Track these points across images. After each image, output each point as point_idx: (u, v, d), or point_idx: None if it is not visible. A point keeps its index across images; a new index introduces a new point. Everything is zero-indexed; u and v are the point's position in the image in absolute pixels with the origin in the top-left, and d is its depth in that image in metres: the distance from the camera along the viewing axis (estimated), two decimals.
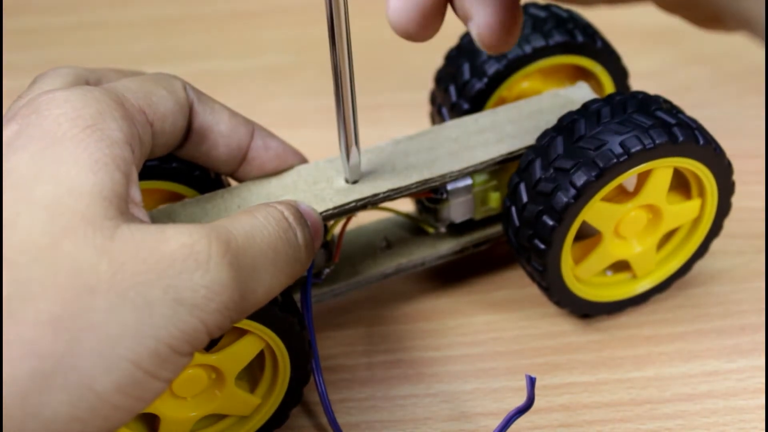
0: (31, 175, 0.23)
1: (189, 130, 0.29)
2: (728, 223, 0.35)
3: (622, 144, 0.30)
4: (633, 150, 0.30)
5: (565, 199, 0.30)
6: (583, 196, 0.30)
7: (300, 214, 0.28)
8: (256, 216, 0.26)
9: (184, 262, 0.23)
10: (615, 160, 0.30)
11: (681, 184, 0.34)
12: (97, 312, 0.21)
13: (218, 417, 0.30)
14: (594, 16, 0.39)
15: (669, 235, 0.35)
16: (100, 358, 0.21)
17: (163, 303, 0.22)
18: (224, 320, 0.23)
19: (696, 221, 0.34)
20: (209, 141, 0.30)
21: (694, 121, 0.32)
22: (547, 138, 0.31)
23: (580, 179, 0.30)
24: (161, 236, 0.23)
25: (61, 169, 0.23)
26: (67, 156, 0.23)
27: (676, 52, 0.51)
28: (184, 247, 0.23)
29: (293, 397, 0.30)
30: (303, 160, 0.32)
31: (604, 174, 0.30)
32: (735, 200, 0.35)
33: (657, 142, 0.30)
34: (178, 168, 0.31)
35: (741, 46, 0.51)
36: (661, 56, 0.51)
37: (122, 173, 0.24)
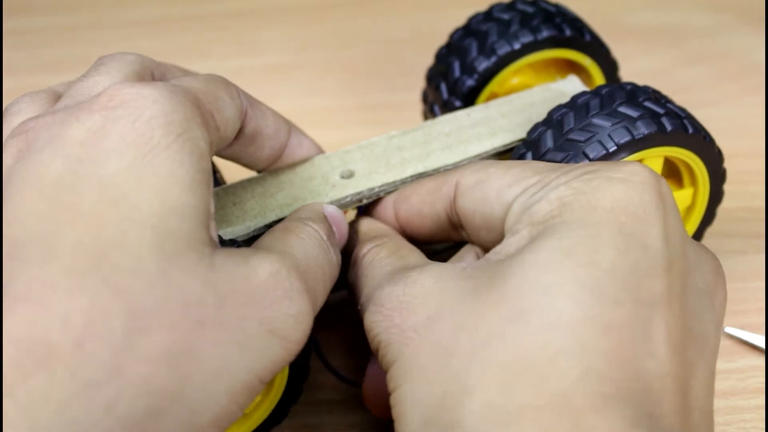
0: (132, 188, 0.21)
1: (239, 135, 0.29)
2: (728, 223, 0.35)
3: (611, 135, 0.30)
4: (622, 141, 0.30)
5: None
6: None
7: (331, 231, 0.28)
8: (302, 237, 0.26)
9: (273, 292, 0.23)
10: (605, 152, 0.30)
11: (673, 174, 0.34)
12: (205, 347, 0.21)
13: None
14: (594, 16, 0.39)
15: None
16: (204, 394, 0.21)
17: (259, 336, 0.22)
18: (301, 347, 0.24)
19: (689, 210, 0.34)
20: (256, 143, 0.30)
21: (683, 110, 0.32)
22: (537, 132, 0.31)
23: None
24: (249, 265, 0.23)
25: (163, 185, 0.22)
26: (166, 170, 0.22)
27: (676, 52, 0.51)
28: (271, 276, 0.23)
29: (293, 393, 0.30)
30: None
31: None
32: (735, 200, 0.35)
33: (646, 132, 0.30)
34: None
35: (741, 46, 0.51)
36: (661, 56, 0.51)
37: (209, 189, 0.23)
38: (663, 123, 0.30)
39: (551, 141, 0.31)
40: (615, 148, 0.30)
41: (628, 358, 0.22)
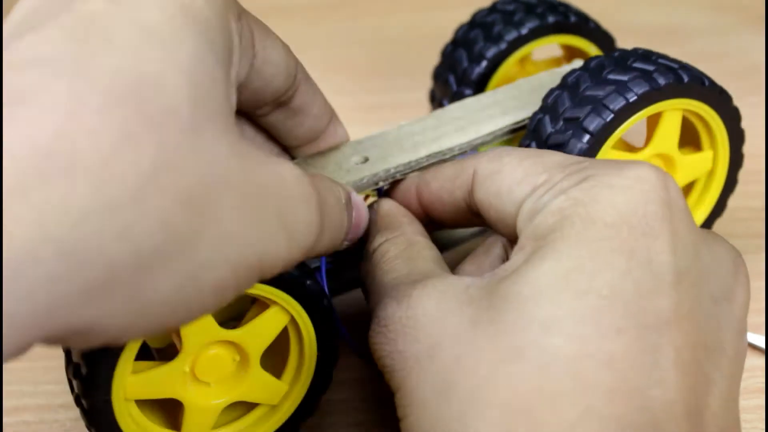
0: (172, 38, 0.20)
1: (285, 104, 0.29)
2: (728, 223, 0.35)
3: (629, 86, 0.30)
4: (641, 91, 0.30)
5: (579, 145, 0.30)
6: (597, 141, 0.30)
7: (350, 205, 0.28)
8: (325, 183, 0.26)
9: (293, 190, 0.23)
10: (624, 102, 0.30)
11: (692, 140, 0.34)
12: (224, 208, 0.20)
13: (247, 408, 0.30)
14: (594, 16, 0.39)
15: (686, 192, 0.35)
16: (211, 254, 0.20)
17: (272, 223, 0.22)
18: (297, 260, 0.23)
19: (710, 175, 0.34)
20: (298, 119, 0.30)
21: (696, 68, 0.32)
22: (552, 96, 0.31)
23: (592, 123, 0.30)
24: (274, 161, 0.22)
25: (200, 49, 0.21)
26: (204, 38, 0.21)
27: (677, 52, 0.50)
28: (295, 178, 0.23)
29: (323, 380, 0.30)
30: None
31: (615, 116, 0.30)
32: (735, 200, 0.35)
33: (663, 82, 0.30)
34: None
35: (741, 46, 0.51)
36: None
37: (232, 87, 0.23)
38: (680, 74, 0.31)
39: (568, 100, 0.31)
40: (635, 98, 0.30)
41: (632, 390, 0.21)
